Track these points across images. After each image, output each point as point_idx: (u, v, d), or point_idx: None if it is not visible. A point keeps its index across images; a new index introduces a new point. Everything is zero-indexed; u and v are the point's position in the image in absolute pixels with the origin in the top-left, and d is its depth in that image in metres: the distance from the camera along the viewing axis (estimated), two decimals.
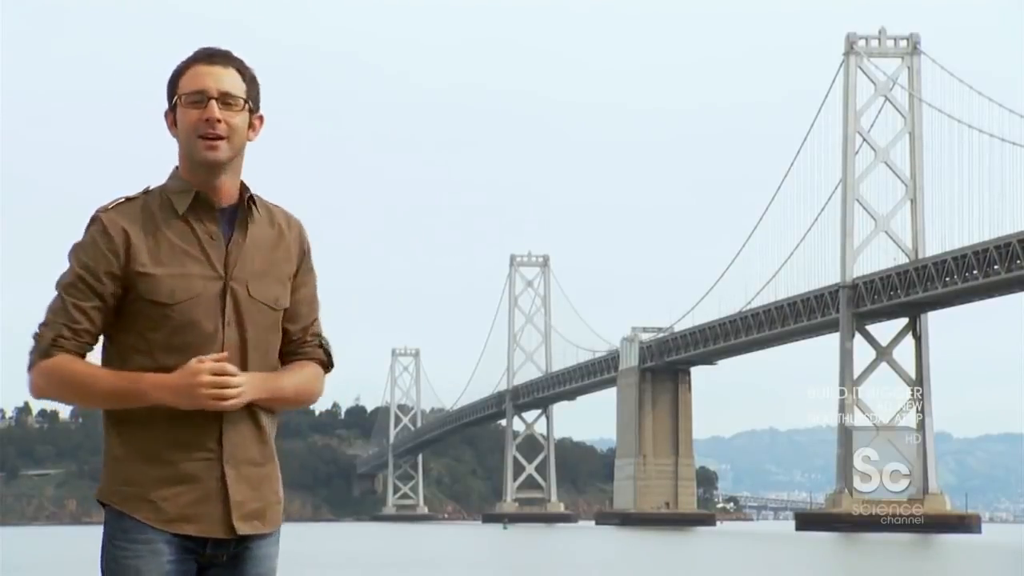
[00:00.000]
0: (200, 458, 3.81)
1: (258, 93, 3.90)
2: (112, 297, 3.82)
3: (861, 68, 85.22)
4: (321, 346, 3.97)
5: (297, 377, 3.91)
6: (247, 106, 3.85)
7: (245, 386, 3.77)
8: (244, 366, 3.82)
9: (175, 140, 3.88)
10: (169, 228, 3.83)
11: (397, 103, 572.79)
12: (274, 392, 3.85)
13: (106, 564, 3.84)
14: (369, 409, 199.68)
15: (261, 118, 3.90)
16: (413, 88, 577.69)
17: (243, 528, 3.85)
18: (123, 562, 3.82)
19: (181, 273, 3.80)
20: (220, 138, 3.80)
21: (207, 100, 3.79)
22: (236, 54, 3.90)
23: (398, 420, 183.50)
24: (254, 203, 3.88)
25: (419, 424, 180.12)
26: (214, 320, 3.80)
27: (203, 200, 3.84)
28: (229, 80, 3.82)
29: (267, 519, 3.90)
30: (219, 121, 3.79)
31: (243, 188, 3.90)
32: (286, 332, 3.93)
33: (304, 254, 3.95)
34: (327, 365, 3.98)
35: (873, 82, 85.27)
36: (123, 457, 3.84)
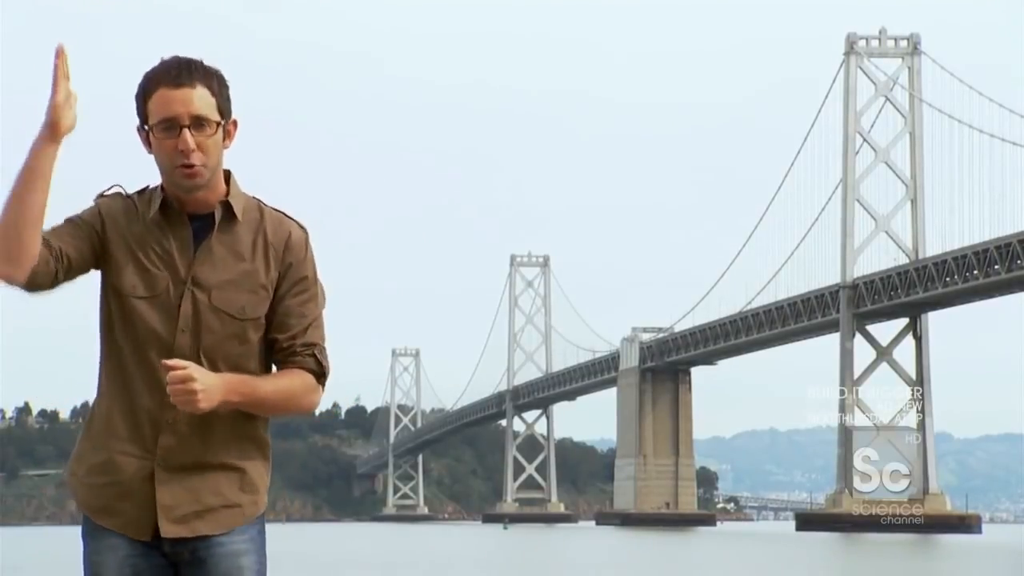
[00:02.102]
0: (133, 453, 3.83)
1: (229, 97, 3.84)
2: (87, 240, 3.80)
3: (861, 68, 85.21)
4: (313, 356, 3.89)
5: (279, 383, 3.85)
6: (219, 125, 3.80)
7: (210, 389, 3.71)
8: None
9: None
10: (145, 229, 3.84)
11: (396, 103, 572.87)
12: (249, 396, 3.79)
13: (83, 559, 3.93)
14: (369, 409, 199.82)
15: (235, 123, 3.85)
16: (413, 87, 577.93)
17: (173, 531, 3.84)
18: (89, 558, 3.91)
19: (147, 270, 3.82)
20: (196, 166, 3.78)
21: (179, 128, 3.75)
22: (198, 61, 3.81)
23: (398, 420, 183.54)
24: (232, 210, 3.86)
25: (419, 424, 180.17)
26: (169, 325, 3.81)
27: (172, 206, 3.84)
28: (199, 101, 3.76)
29: (212, 521, 3.86)
30: (194, 151, 3.76)
31: (228, 190, 3.87)
32: (275, 341, 3.89)
33: (291, 264, 3.88)
34: (319, 375, 3.90)
35: (873, 82, 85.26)
36: (84, 436, 3.92)
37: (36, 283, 3.72)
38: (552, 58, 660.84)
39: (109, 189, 3.90)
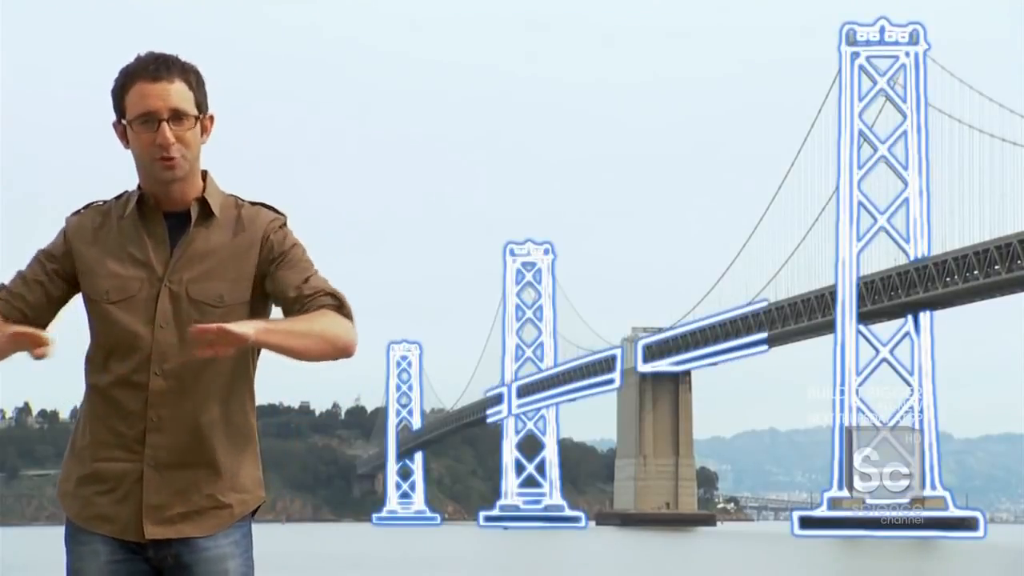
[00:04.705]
0: (122, 458, 3.81)
1: (206, 93, 3.88)
2: (53, 277, 3.88)
3: (862, 67, 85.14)
4: (326, 294, 3.82)
5: (310, 317, 3.77)
6: (197, 119, 3.84)
7: (238, 325, 3.63)
8: (184, 366, 3.81)
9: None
10: (120, 231, 3.87)
11: (398, 93, 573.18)
12: (285, 330, 3.71)
13: (66, 568, 3.94)
14: (369, 409, 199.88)
15: (212, 118, 3.88)
16: (414, 76, 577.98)
17: (158, 532, 3.83)
18: (71, 566, 3.90)
19: (119, 274, 3.84)
20: (175, 158, 3.80)
21: (157, 123, 3.78)
22: (175, 56, 3.85)
23: (398, 420, 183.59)
24: (209, 206, 3.87)
25: (419, 424, 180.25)
26: (145, 322, 3.82)
27: (149, 205, 3.87)
28: (177, 95, 3.80)
29: (199, 523, 3.85)
30: (174, 143, 3.79)
31: (205, 185, 3.89)
32: (285, 300, 3.84)
33: (272, 245, 3.86)
34: (340, 309, 3.82)
35: (873, 80, 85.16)
36: (68, 453, 3.92)
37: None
38: (551, 64, 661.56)
39: (82, 208, 3.92)
